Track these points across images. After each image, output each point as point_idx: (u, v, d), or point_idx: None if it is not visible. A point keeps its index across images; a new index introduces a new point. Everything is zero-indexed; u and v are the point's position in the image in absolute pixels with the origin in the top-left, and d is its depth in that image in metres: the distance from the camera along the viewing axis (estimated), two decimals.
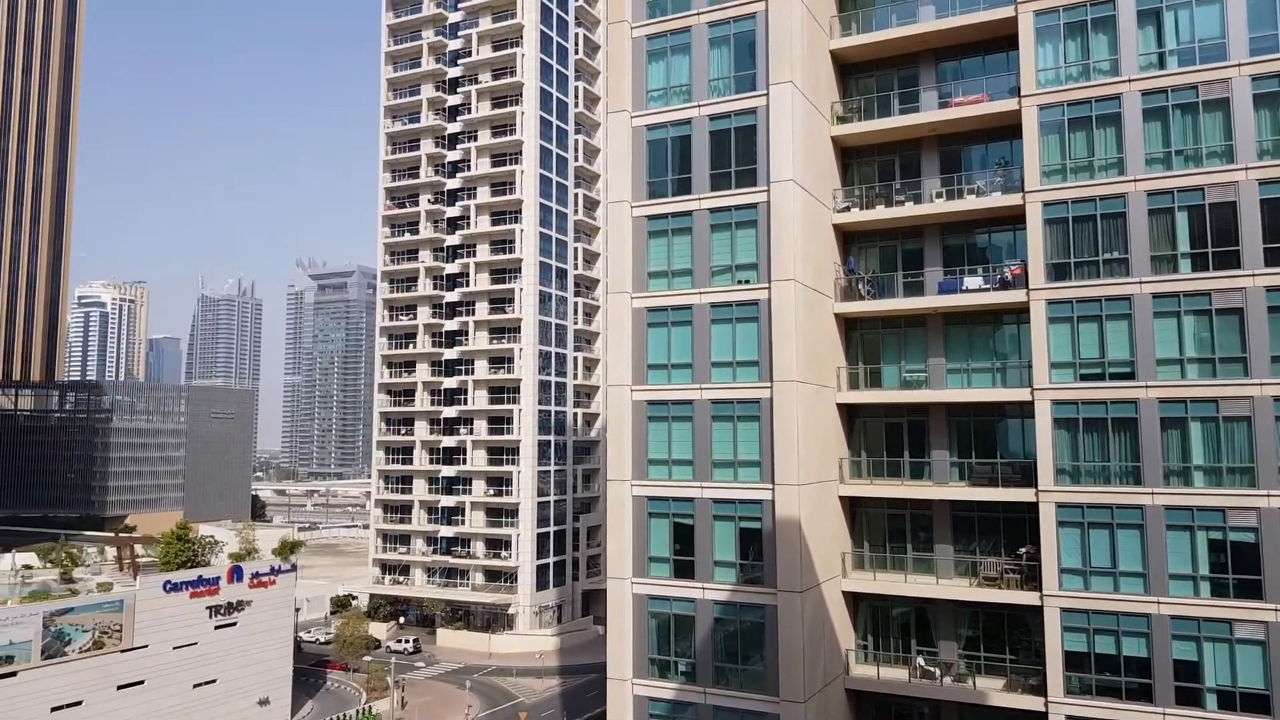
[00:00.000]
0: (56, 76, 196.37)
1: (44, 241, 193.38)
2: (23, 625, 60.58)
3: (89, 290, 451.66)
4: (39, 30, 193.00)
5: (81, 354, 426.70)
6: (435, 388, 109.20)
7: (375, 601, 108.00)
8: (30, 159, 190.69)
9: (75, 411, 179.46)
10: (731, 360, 35.07)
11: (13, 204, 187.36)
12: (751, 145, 35.72)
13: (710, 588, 34.29)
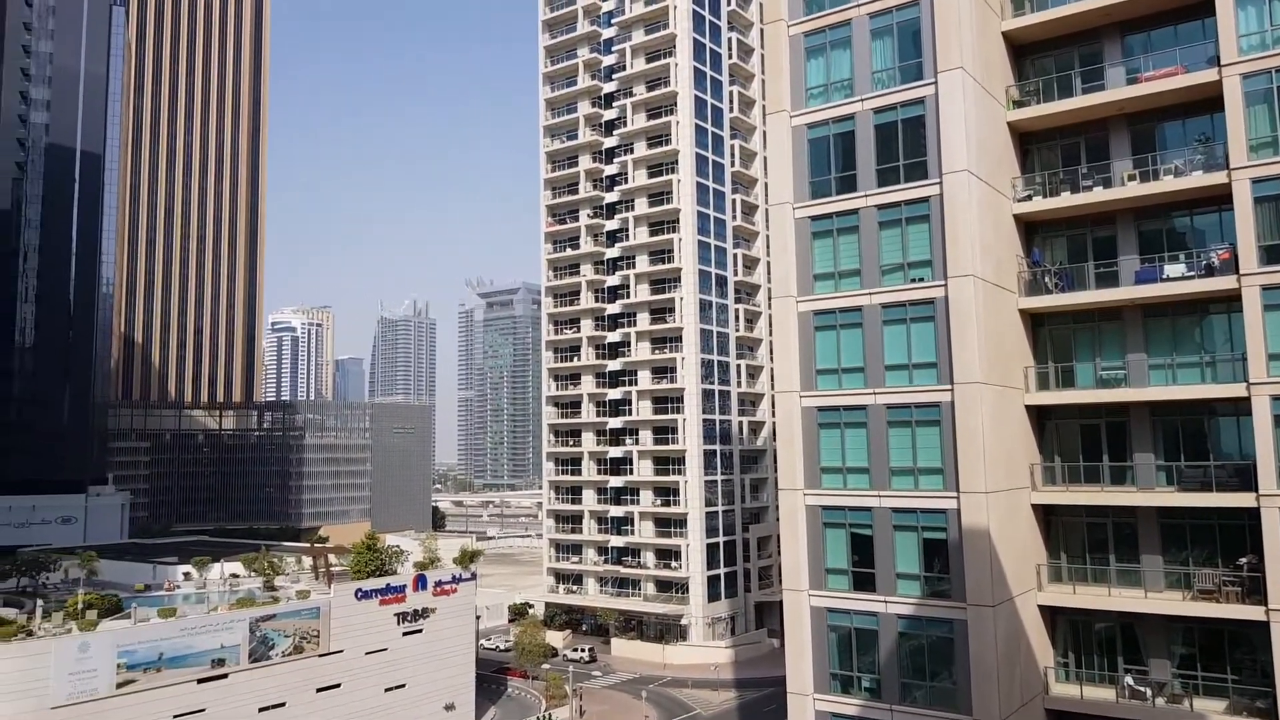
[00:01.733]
0: (246, 126, 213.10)
1: (240, 275, 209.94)
2: (232, 630, 65.15)
3: (281, 316, 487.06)
4: (230, 84, 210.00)
5: (276, 376, 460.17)
6: (600, 399, 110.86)
7: (551, 610, 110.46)
8: (226, 201, 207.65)
9: (272, 430, 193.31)
10: (907, 363, 33.52)
11: (213, 243, 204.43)
12: (920, 137, 34.14)
13: (893, 601, 32.79)
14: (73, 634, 59.32)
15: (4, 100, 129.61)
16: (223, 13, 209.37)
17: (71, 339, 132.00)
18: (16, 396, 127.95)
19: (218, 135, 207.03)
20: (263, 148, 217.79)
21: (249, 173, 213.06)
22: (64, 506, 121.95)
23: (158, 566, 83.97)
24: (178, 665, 61.55)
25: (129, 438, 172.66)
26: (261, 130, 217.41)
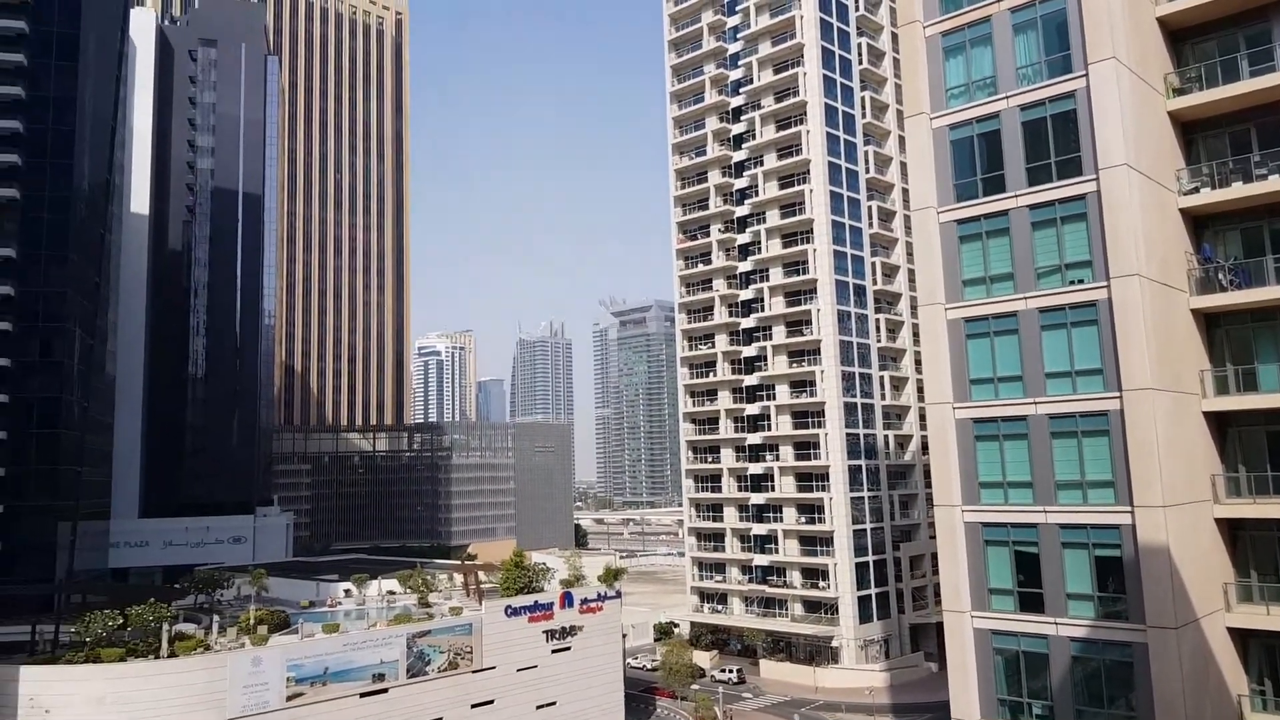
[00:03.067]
0: (390, 161, 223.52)
1: (389, 303, 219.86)
2: (391, 646, 67.60)
3: (426, 341, 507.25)
4: (374, 121, 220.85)
5: (424, 398, 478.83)
6: (738, 414, 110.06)
7: (696, 630, 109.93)
8: (374, 233, 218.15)
9: (421, 450, 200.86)
10: (1069, 369, 31.79)
11: (363, 274, 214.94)
12: (1072, 132, 32.52)
13: (1064, 623, 30.97)
14: (246, 648, 62.86)
15: (174, 149, 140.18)
16: (366, 56, 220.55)
17: (238, 369, 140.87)
18: (191, 424, 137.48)
19: (364, 171, 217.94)
20: (405, 180, 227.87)
21: (394, 205, 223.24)
22: (235, 527, 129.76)
23: (320, 583, 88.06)
24: (341, 679, 64.27)
25: (291, 460, 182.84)
26: (404, 164, 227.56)
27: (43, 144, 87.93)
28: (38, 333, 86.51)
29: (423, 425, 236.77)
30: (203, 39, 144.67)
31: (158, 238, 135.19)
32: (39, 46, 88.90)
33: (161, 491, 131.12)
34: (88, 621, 62.00)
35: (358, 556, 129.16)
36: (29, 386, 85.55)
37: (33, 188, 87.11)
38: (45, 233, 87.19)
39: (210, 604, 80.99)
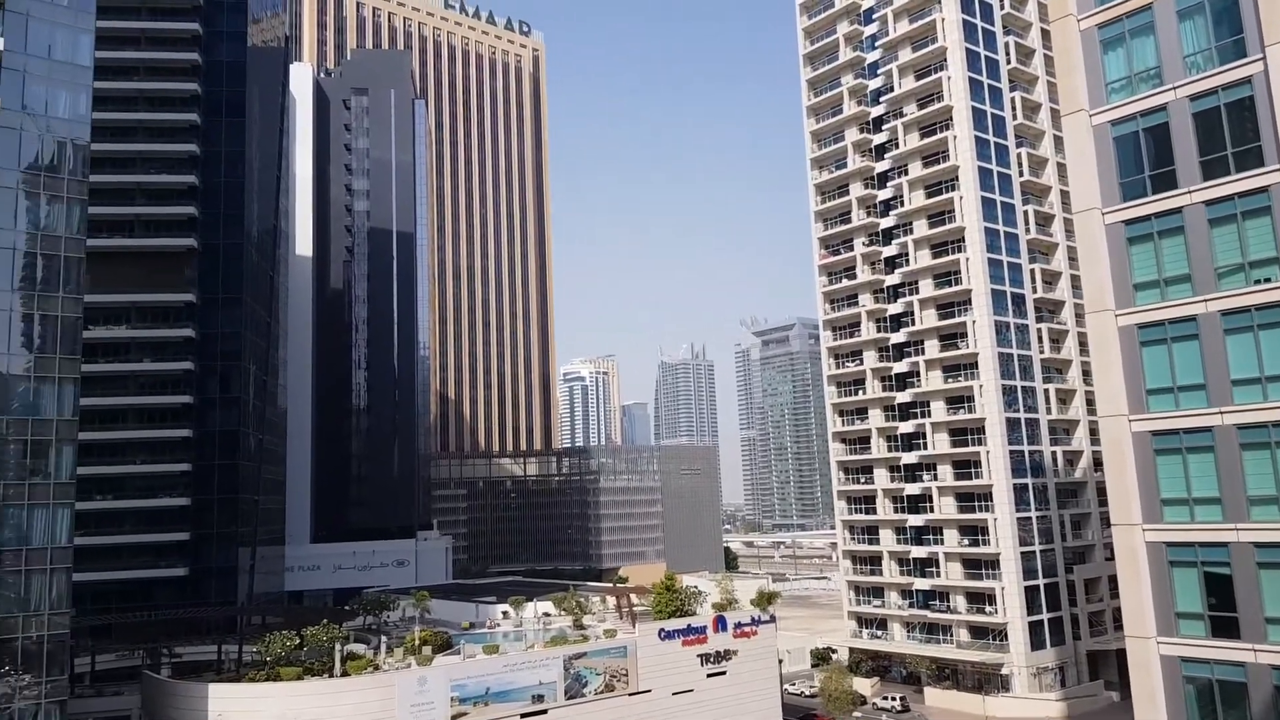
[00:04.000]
0: (531, 194, 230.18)
1: (535, 331, 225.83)
2: (548, 667, 68.64)
3: (571, 367, 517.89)
4: (515, 156, 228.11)
5: (570, 423, 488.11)
6: (890, 433, 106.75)
7: (855, 656, 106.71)
8: (519, 264, 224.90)
9: (570, 475, 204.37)
10: (1258, 375, 29.18)
11: (509, 304, 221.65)
12: (1250, 120, 30.06)
13: (1264, 650, 28.26)
14: (412, 668, 65.13)
15: (332, 193, 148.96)
16: (506, 93, 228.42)
17: (397, 399, 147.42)
18: (355, 453, 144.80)
19: (508, 204, 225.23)
20: (547, 211, 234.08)
21: (536, 235, 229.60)
22: (398, 551, 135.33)
23: (479, 605, 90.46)
24: (502, 700, 65.67)
25: (448, 486, 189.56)
26: (545, 195, 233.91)
27: (217, 196, 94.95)
28: (217, 371, 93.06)
29: (570, 450, 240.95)
30: (355, 88, 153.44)
31: (320, 277, 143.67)
32: (211, 106, 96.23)
33: (330, 517, 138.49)
34: (268, 642, 65.73)
35: (513, 579, 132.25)
36: (210, 421, 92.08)
37: (209, 236, 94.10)
38: (221, 278, 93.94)
39: (377, 625, 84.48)
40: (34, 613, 53.49)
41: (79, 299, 58.66)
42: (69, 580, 55.60)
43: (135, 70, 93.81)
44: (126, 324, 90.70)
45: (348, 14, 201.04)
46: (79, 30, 61.03)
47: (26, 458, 54.61)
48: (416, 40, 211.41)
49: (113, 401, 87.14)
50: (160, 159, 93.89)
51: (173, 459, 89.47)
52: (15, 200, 56.45)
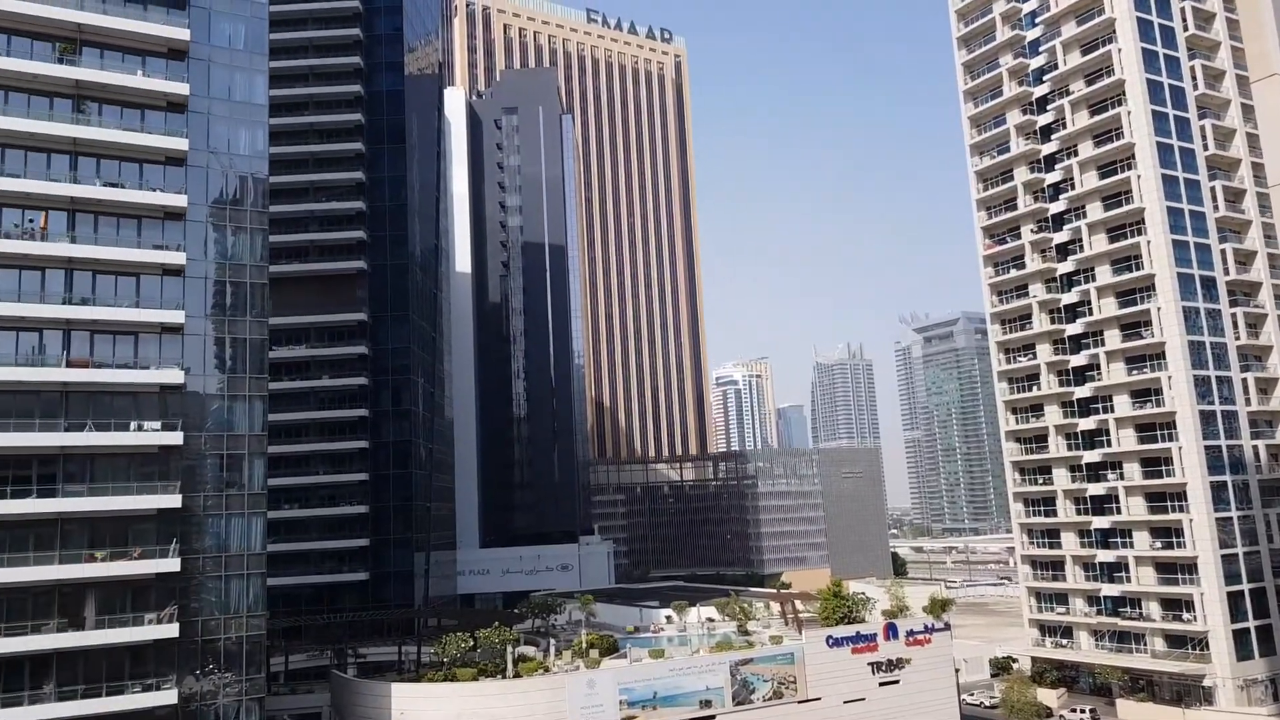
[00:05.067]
0: (678, 199, 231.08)
1: (685, 336, 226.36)
2: (714, 672, 67.99)
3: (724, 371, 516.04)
4: (660, 162, 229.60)
5: (724, 427, 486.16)
6: (1069, 430, 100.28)
7: (1038, 665, 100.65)
8: (667, 270, 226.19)
9: (727, 479, 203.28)
10: None
11: (659, 310, 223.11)
12: None
13: None
14: (581, 671, 65.81)
15: (487, 210, 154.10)
16: (650, 100, 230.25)
17: (555, 407, 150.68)
18: (517, 460, 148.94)
19: (655, 211, 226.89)
20: (694, 216, 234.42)
21: (684, 241, 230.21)
22: (562, 555, 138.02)
23: (643, 610, 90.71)
24: (669, 704, 65.45)
25: (607, 492, 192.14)
26: (691, 200, 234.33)
27: (382, 219, 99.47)
28: (389, 384, 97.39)
29: (727, 454, 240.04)
30: (505, 107, 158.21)
31: (479, 292, 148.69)
32: (373, 135, 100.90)
33: (497, 523, 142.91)
34: (444, 643, 67.93)
35: (675, 584, 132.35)
36: (384, 432, 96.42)
37: (377, 258, 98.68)
38: (389, 296, 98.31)
39: (545, 627, 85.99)
40: (233, 615, 57.08)
41: (264, 322, 62.35)
42: (264, 584, 59.03)
43: (304, 105, 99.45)
44: (306, 344, 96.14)
45: (496, 36, 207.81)
46: (254, 72, 64.95)
47: (223, 470, 58.41)
48: (561, 56, 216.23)
49: (296, 416, 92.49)
50: (330, 187, 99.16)
51: (351, 469, 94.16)
52: (204, 233, 60.57)
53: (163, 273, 57.95)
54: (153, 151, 58.61)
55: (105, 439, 53.91)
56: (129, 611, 53.29)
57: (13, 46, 55.71)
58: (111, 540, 53.69)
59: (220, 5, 63.52)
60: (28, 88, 56.13)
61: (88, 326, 55.43)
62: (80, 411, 54.18)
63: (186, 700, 54.08)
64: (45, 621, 51.31)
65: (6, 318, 53.27)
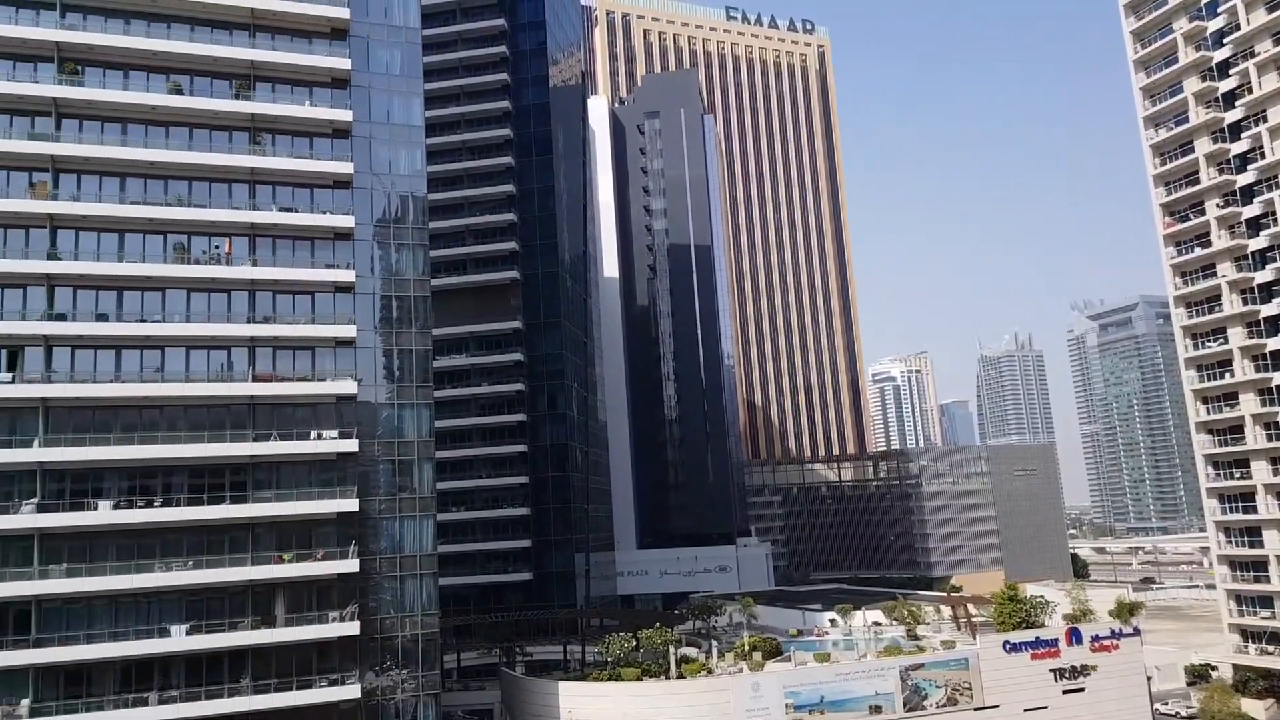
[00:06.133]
0: (825, 191, 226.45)
1: (838, 332, 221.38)
2: (884, 677, 65.92)
3: (880, 367, 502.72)
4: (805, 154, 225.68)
5: (883, 425, 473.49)
6: (1269, 420, 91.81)
7: (1241, 674, 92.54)
8: (817, 265, 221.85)
9: (889, 479, 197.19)
10: None
11: (810, 306, 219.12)
12: None
13: None
14: (744, 673, 65.14)
15: (633, 215, 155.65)
16: (792, 94, 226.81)
17: (706, 408, 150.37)
18: (671, 462, 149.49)
19: (801, 205, 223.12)
20: (842, 208, 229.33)
21: (833, 234, 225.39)
22: (720, 557, 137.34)
23: (805, 613, 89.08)
24: (837, 709, 63.89)
25: (762, 493, 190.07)
26: (839, 192, 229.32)
27: (532, 229, 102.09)
28: (544, 390, 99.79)
29: (887, 453, 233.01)
30: (647, 112, 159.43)
31: (627, 296, 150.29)
32: (521, 148, 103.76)
33: (653, 524, 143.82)
34: (608, 643, 68.73)
35: (838, 587, 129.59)
36: (542, 436, 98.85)
37: (528, 267, 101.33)
38: (541, 304, 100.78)
39: (705, 629, 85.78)
40: (408, 613, 59.66)
41: (427, 333, 65.12)
42: (435, 583, 61.47)
43: (456, 124, 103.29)
44: (465, 352, 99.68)
45: (636, 42, 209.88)
46: (410, 95, 68.05)
47: (395, 475, 61.25)
48: (701, 56, 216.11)
49: (458, 422, 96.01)
50: (483, 201, 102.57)
51: (512, 472, 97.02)
52: (371, 251, 63.85)
53: (335, 290, 61.21)
54: (322, 176, 62.04)
55: (289, 448, 57.36)
56: (314, 610, 56.50)
57: (195, 86, 60.14)
58: (296, 543, 57.10)
59: (377, 34, 66.76)
60: (211, 124, 60.53)
61: (270, 343, 59.15)
62: (266, 422, 57.88)
63: (368, 695, 56.82)
64: (240, 619, 55.00)
65: (200, 338, 57.55)
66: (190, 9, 60.16)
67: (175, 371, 56.90)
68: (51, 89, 56.34)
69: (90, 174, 57.52)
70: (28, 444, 52.77)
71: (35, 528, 51.99)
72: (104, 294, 56.63)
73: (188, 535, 55.21)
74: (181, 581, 53.78)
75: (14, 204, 54.90)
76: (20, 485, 52.81)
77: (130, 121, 58.78)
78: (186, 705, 52.15)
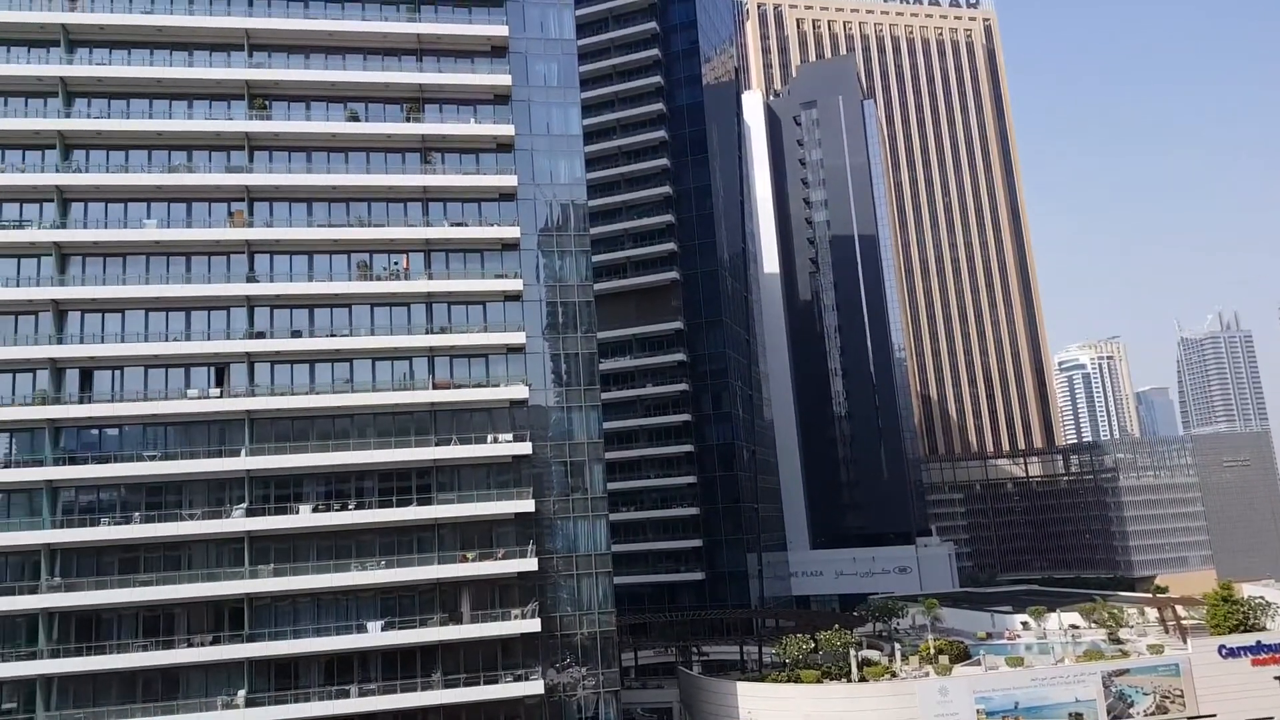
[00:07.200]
0: (999, 170, 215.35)
1: (1018, 319, 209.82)
2: (1085, 683, 61.82)
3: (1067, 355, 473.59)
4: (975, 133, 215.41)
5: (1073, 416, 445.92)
6: None
7: None
8: (991, 249, 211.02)
9: (1081, 473, 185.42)
10: None
11: (986, 293, 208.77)
12: None
13: None
14: (931, 677, 62.55)
15: (792, 208, 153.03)
16: (958, 71, 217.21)
17: (877, 403, 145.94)
18: (842, 460, 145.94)
19: (972, 186, 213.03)
20: (1018, 187, 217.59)
21: (1009, 214, 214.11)
22: (898, 557, 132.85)
23: (995, 615, 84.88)
24: (1034, 715, 60.49)
25: (942, 490, 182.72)
26: (1014, 170, 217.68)
27: (691, 229, 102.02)
28: (709, 389, 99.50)
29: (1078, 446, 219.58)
30: (803, 102, 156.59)
31: (789, 291, 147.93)
32: (676, 149, 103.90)
33: (826, 524, 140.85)
34: (785, 644, 67.66)
35: (1029, 588, 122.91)
36: (708, 436, 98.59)
37: (688, 267, 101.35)
38: (702, 303, 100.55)
39: (887, 631, 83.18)
40: (585, 611, 60.76)
41: (592, 336, 66.23)
42: (610, 582, 62.31)
43: (612, 130, 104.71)
44: (629, 354, 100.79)
45: (789, 33, 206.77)
46: (568, 105, 69.51)
47: (567, 476, 62.65)
48: (858, 41, 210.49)
49: (625, 424, 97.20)
50: (641, 204, 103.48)
51: (679, 472, 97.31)
52: (536, 260, 65.66)
53: (504, 298, 63.14)
54: (488, 190, 64.27)
55: (468, 451, 59.62)
56: (496, 607, 58.42)
57: (369, 111, 63.61)
58: (478, 542, 59.26)
59: (535, 48, 68.57)
60: (386, 146, 63.84)
61: (447, 352, 61.69)
62: (445, 427, 60.36)
63: (550, 691, 58.17)
64: (429, 616, 57.51)
65: (383, 349, 60.66)
66: (363, 39, 63.71)
67: (363, 381, 60.23)
68: (244, 124, 60.94)
69: (280, 200, 61.82)
70: (236, 453, 57.20)
71: (245, 530, 56.21)
72: (297, 311, 60.66)
73: (379, 536, 58.26)
74: (376, 580, 56.81)
75: (217, 233, 59.69)
76: (230, 491, 57.34)
77: (314, 149, 62.81)
78: (384, 698, 54.96)
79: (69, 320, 58.01)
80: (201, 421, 57.92)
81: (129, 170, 59.87)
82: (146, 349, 57.56)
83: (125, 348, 57.40)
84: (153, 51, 61.72)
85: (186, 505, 56.89)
